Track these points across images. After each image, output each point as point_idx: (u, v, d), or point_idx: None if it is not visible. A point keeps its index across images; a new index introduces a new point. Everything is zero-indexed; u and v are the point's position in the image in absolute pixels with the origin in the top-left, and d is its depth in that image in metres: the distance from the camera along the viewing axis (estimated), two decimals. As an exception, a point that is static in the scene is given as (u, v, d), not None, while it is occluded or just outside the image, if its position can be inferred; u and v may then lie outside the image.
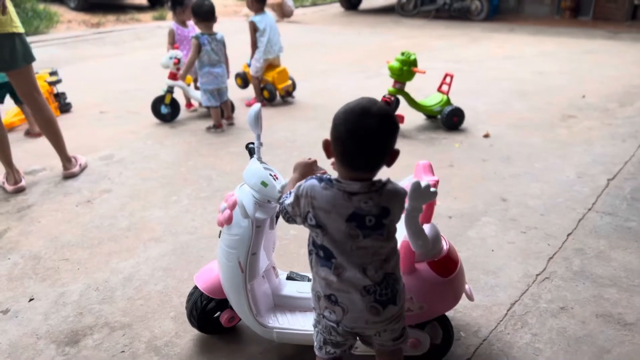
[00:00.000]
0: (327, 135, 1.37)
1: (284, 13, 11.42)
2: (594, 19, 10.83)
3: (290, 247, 2.66)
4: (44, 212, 3.08)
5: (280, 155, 3.82)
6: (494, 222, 2.86)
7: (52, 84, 4.86)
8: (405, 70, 4.13)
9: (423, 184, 1.30)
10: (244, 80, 5.41)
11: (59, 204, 3.18)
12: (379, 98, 4.24)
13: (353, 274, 1.36)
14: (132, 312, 2.20)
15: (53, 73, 5.00)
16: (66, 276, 2.46)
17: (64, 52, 8.02)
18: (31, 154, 3.97)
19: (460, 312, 2.13)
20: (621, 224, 2.81)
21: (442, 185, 3.30)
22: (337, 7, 13.96)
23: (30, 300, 2.30)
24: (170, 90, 4.55)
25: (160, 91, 4.64)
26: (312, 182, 1.37)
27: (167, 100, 4.55)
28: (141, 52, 8.18)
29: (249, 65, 5.17)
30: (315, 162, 1.57)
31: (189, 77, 4.58)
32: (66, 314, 2.20)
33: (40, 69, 5.20)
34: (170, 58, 4.43)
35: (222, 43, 4.31)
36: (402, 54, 4.18)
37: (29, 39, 3.30)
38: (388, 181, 1.36)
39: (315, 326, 1.52)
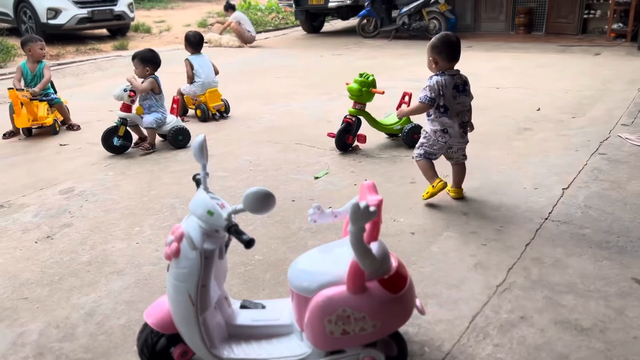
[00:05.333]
0: (290, 157, 1.41)
1: (244, 40, 11.43)
2: (547, 34, 11.27)
3: (255, 272, 2.65)
4: (1, 251, 3.00)
5: (244, 181, 3.82)
6: (455, 236, 2.92)
7: None
8: (364, 91, 4.20)
9: (362, 204, 1.33)
10: (182, 106, 5.64)
11: (17, 241, 3.10)
12: (341, 119, 4.34)
13: (457, 117, 3.13)
14: (94, 348, 2.15)
15: None
16: (25, 315, 2.40)
17: (23, 85, 7.85)
18: (-13, 191, 3.87)
19: (424, 327, 2.16)
20: (576, 232, 2.91)
21: (404, 201, 3.36)
22: (299, 31, 14.15)
23: (-13, 343, 2.23)
24: (124, 122, 4.51)
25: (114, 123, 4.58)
26: (435, 77, 3.10)
27: (121, 132, 4.51)
28: (102, 82, 8.11)
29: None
30: None
31: (140, 108, 4.57)
32: (25, 355, 2.14)
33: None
34: (125, 90, 4.40)
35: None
36: (361, 75, 4.26)
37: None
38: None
39: (418, 148, 3.29)
